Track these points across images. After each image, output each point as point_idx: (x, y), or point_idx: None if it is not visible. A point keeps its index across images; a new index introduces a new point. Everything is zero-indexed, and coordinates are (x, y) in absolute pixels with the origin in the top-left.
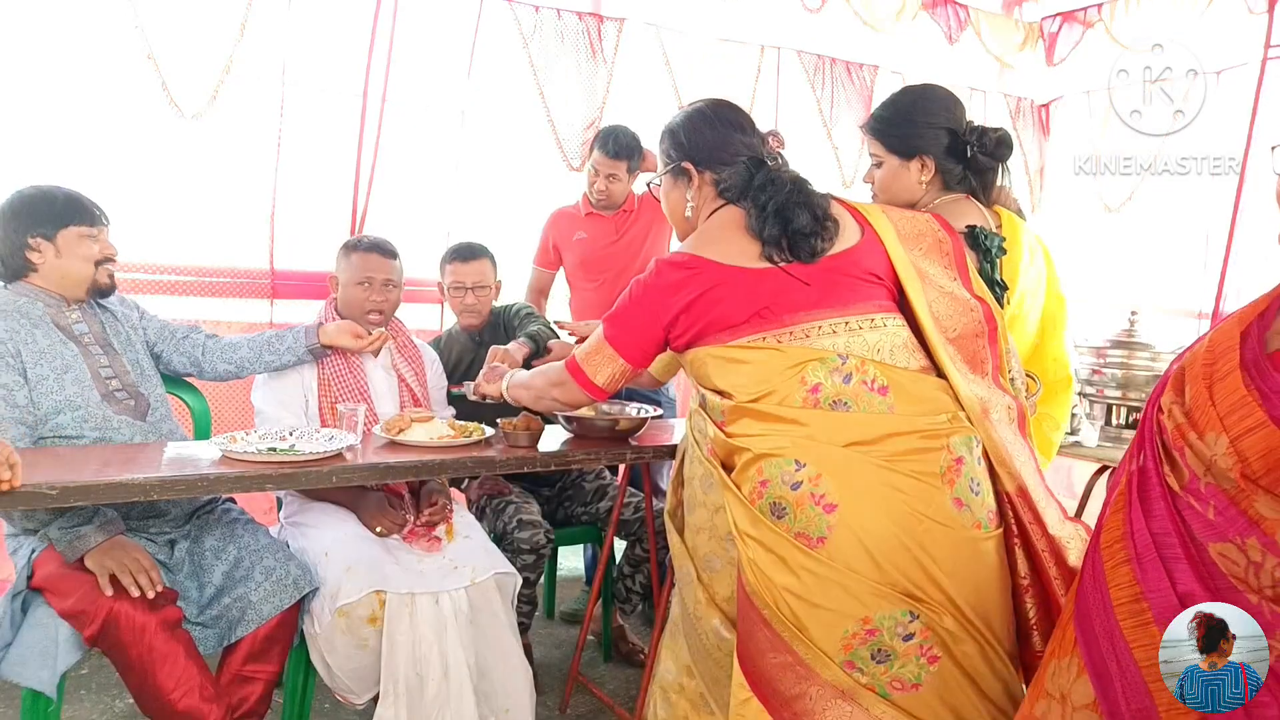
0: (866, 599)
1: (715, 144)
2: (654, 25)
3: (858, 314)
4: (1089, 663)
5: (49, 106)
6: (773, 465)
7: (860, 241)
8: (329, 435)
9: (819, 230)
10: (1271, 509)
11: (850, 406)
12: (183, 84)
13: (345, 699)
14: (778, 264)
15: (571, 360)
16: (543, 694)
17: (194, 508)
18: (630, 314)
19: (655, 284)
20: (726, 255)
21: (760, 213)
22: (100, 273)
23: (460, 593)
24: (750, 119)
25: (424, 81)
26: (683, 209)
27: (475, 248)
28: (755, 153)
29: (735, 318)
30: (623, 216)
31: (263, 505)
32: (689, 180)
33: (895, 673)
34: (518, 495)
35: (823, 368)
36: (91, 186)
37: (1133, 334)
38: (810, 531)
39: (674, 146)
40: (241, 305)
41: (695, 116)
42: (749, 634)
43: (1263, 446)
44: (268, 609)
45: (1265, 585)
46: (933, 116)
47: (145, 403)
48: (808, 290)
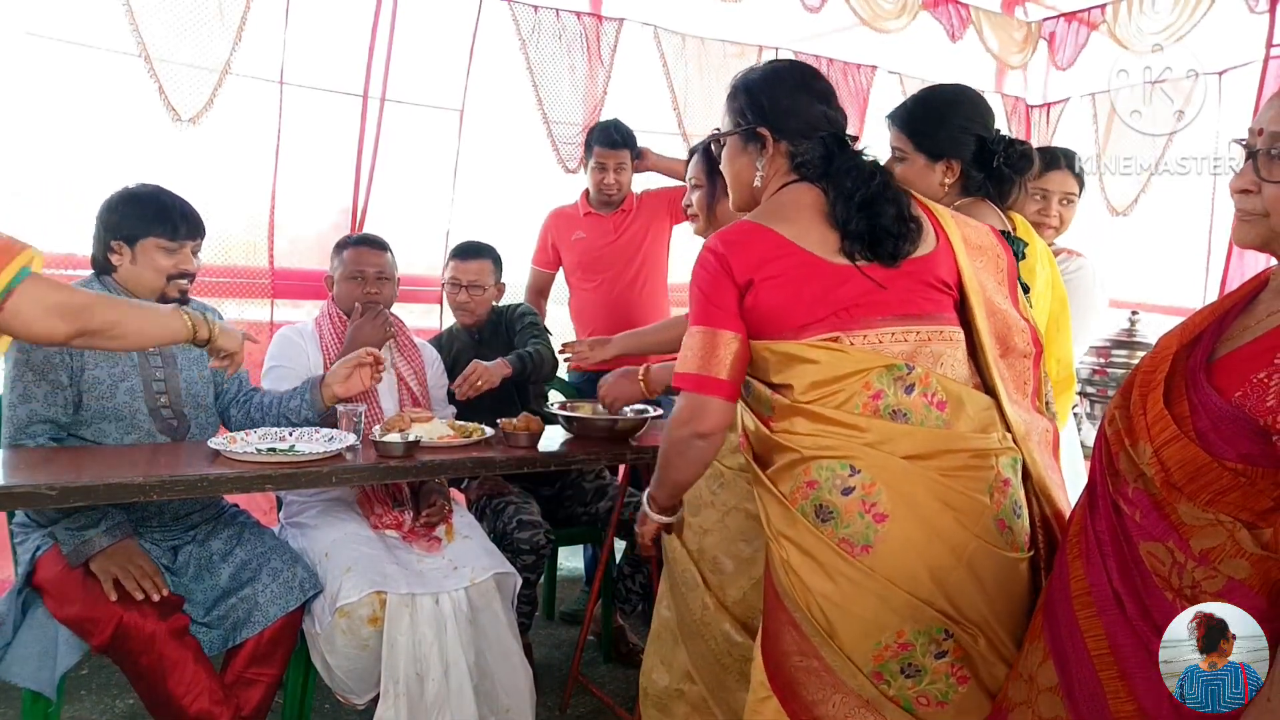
0: (904, 613)
1: (797, 112)
2: (652, 26)
3: (928, 324)
4: (1052, 649)
5: (47, 110)
6: (824, 468)
7: (936, 248)
8: (329, 435)
9: (904, 231)
10: (1192, 515)
11: (909, 418)
12: (180, 87)
13: (345, 699)
14: (856, 263)
15: (679, 379)
16: (543, 694)
17: (199, 511)
18: (707, 283)
19: (730, 250)
20: (805, 239)
21: (846, 202)
22: (170, 287)
23: (460, 593)
24: (834, 90)
25: (423, 82)
26: (750, 177)
27: (479, 247)
28: (838, 129)
29: (808, 315)
30: (621, 216)
31: (263, 505)
32: (761, 147)
33: (923, 689)
34: (517, 495)
35: (888, 375)
36: (88, 190)
37: (1134, 334)
38: (855, 539)
39: (750, 107)
40: (242, 305)
41: (778, 78)
42: (775, 634)
43: (1180, 457)
44: (274, 610)
45: (1185, 586)
46: (968, 121)
47: (186, 425)
48: (884, 294)
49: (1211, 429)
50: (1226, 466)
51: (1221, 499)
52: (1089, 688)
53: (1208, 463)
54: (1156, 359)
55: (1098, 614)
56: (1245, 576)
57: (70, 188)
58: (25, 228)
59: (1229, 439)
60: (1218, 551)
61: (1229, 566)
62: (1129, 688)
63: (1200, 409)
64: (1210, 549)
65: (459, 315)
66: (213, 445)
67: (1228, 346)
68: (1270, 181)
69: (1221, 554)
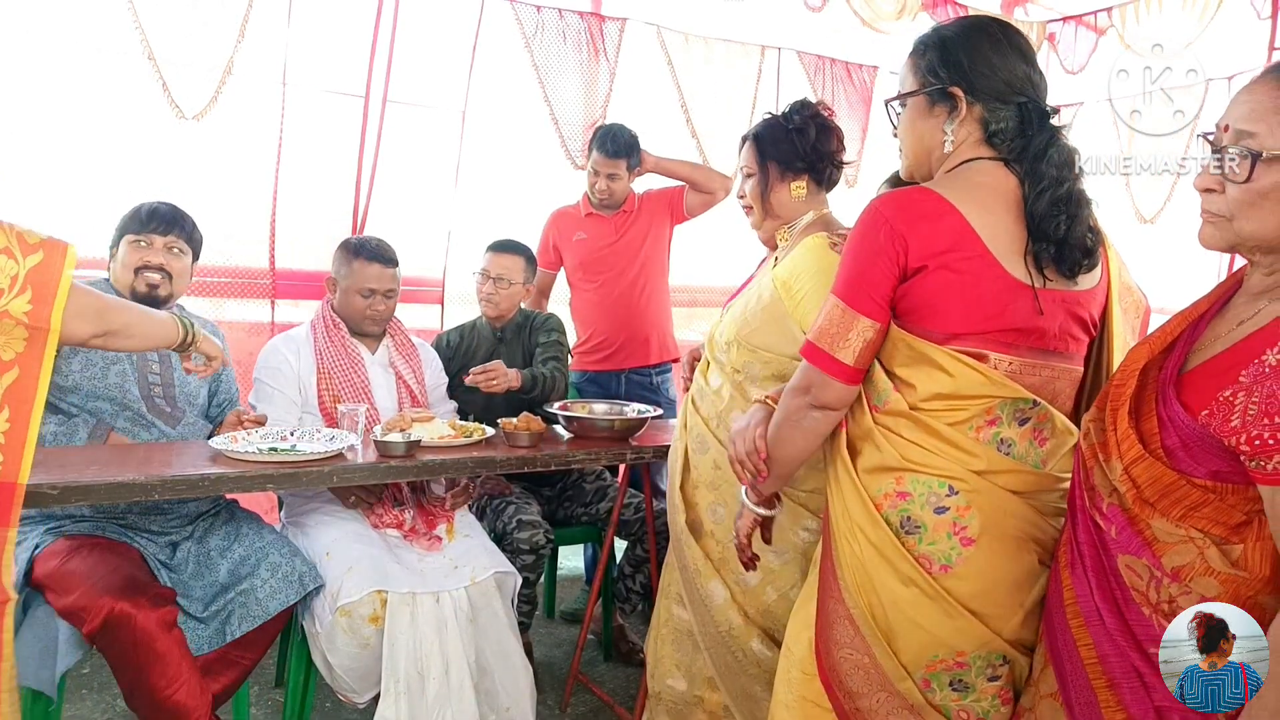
0: (970, 635)
1: (997, 71)
2: (655, 25)
3: (1063, 362)
4: (1051, 656)
5: (51, 107)
6: (920, 481)
7: (1098, 284)
8: (330, 435)
9: (1095, 246)
10: (1165, 531)
11: (1013, 449)
12: (184, 85)
13: (346, 698)
14: (1032, 280)
15: (808, 349)
16: (543, 693)
17: (199, 509)
18: (865, 255)
19: (902, 219)
20: (994, 238)
21: (1047, 197)
22: (139, 280)
23: (461, 592)
24: (1035, 53)
25: (425, 82)
26: (937, 143)
27: (514, 244)
28: (1039, 97)
29: (965, 325)
30: (623, 217)
31: (264, 505)
32: (952, 110)
33: (967, 704)
34: (518, 495)
35: (1011, 406)
36: (92, 187)
37: None
38: (936, 557)
39: (944, 63)
40: (242, 305)
41: (976, 32)
42: (830, 622)
43: (1149, 475)
44: (274, 605)
45: (1162, 600)
46: None
47: (180, 413)
48: (1040, 323)
49: (1180, 446)
50: (1195, 484)
51: (1194, 514)
52: (1084, 695)
53: (1176, 480)
54: (1125, 373)
55: (1085, 624)
56: (1215, 595)
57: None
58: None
59: (1198, 457)
60: (1188, 570)
61: (1200, 585)
62: (1118, 698)
63: (1169, 425)
64: (1181, 567)
65: (483, 307)
66: (214, 445)
67: (1199, 356)
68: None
69: (1192, 572)
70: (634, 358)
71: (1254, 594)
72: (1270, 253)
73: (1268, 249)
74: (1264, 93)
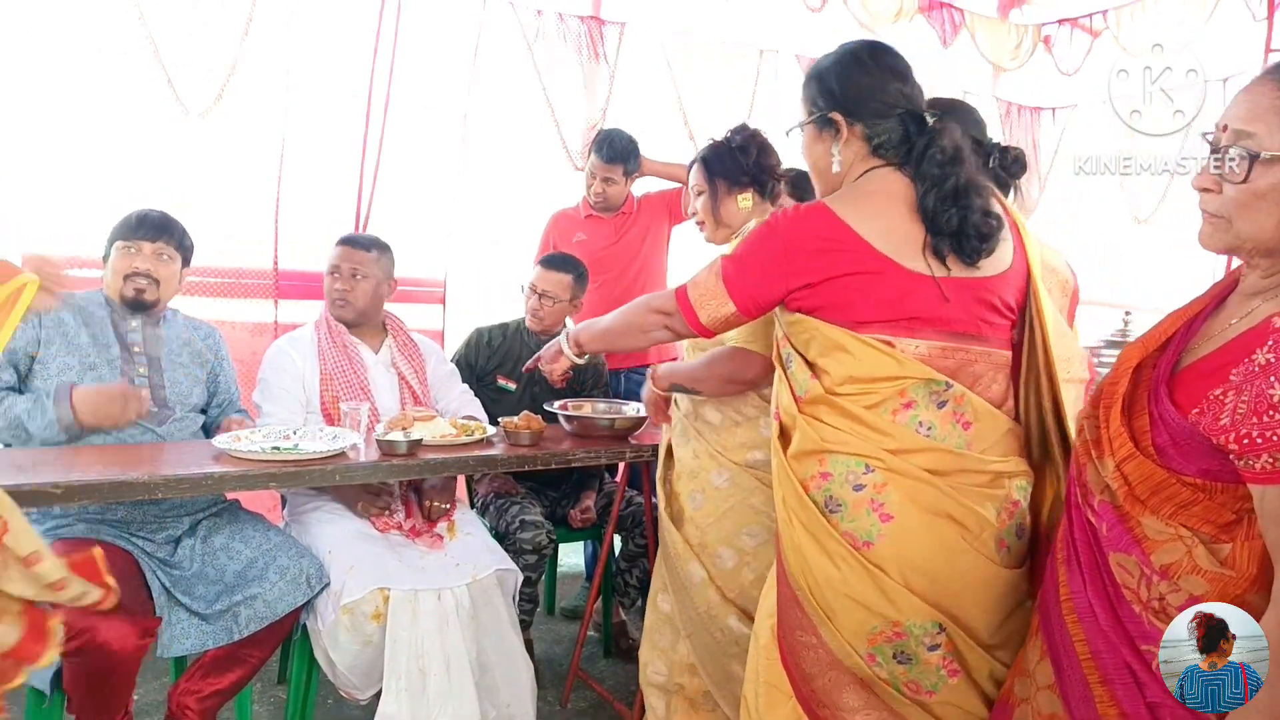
0: (901, 604)
1: (870, 92)
2: (655, 29)
3: (978, 345)
4: (1048, 649)
5: (56, 104)
6: (840, 462)
7: (1010, 268)
8: (332, 434)
9: (989, 230)
10: (1155, 529)
11: (933, 432)
12: (188, 82)
13: (349, 694)
14: (933, 271)
15: (682, 290)
16: (543, 689)
17: (200, 507)
18: (755, 263)
19: (793, 245)
20: (887, 242)
21: (935, 192)
22: (126, 285)
23: (462, 589)
24: (909, 67)
25: (427, 84)
26: (827, 165)
27: (564, 261)
28: (914, 106)
29: (869, 315)
30: (622, 219)
31: (267, 503)
32: (836, 133)
33: (913, 676)
34: (522, 495)
35: (925, 389)
36: (97, 184)
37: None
38: (859, 534)
39: (821, 93)
40: (245, 305)
41: (848, 60)
42: (784, 608)
43: (1140, 473)
44: (282, 606)
45: (1152, 598)
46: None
47: (169, 413)
48: (946, 309)
49: (1170, 444)
50: (1185, 482)
51: (1184, 512)
52: (1080, 689)
53: (1166, 478)
54: (1118, 371)
55: (1079, 620)
56: (1203, 593)
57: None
58: (28, 226)
59: (1188, 455)
60: (1176, 567)
61: (1188, 583)
62: (1111, 694)
63: (1160, 423)
64: (1169, 564)
65: (529, 320)
66: (217, 444)
67: (1192, 355)
68: (1231, 182)
69: (1180, 570)
70: (633, 357)
71: (1241, 593)
72: (1268, 255)
73: (1265, 251)
74: (1263, 93)
